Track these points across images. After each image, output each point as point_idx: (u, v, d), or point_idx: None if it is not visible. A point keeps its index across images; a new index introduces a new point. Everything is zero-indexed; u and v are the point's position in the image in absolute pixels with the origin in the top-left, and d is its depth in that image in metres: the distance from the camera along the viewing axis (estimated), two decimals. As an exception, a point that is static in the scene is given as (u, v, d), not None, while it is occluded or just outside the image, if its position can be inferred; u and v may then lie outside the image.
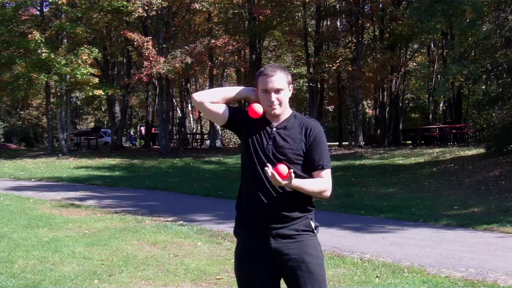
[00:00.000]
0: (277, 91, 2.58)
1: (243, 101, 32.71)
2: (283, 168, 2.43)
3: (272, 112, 2.61)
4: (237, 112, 2.75)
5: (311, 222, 2.61)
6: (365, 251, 6.30)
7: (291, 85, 2.66)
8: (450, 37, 20.70)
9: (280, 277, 2.63)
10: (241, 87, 2.79)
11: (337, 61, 23.00)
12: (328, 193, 2.61)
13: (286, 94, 2.63)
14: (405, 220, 8.46)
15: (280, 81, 2.59)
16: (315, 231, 2.62)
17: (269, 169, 2.41)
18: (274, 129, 2.62)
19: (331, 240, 6.83)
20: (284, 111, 2.64)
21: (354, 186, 12.97)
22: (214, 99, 2.68)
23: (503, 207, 9.05)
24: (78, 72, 21.49)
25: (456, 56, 13.47)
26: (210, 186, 13.77)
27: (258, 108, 2.61)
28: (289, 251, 2.54)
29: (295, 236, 2.55)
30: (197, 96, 2.70)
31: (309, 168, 2.59)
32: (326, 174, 2.61)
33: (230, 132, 38.58)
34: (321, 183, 2.58)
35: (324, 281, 2.59)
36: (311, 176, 2.60)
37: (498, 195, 10.25)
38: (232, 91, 2.73)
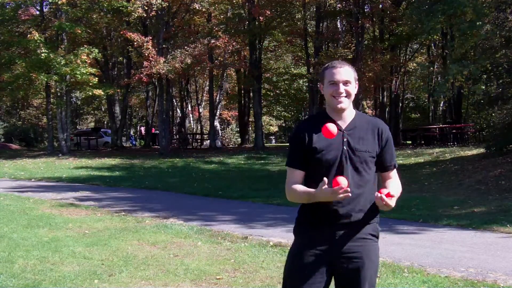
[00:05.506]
0: (345, 82, 2.50)
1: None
2: (342, 180, 2.30)
3: (339, 106, 2.49)
4: (300, 153, 2.53)
5: (378, 227, 2.56)
6: (365, 251, 6.28)
7: (357, 83, 2.57)
8: (450, 37, 20.69)
9: (331, 280, 2.53)
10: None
11: (337, 61, 22.97)
12: None
13: (353, 89, 2.54)
14: (405, 220, 8.46)
15: (348, 74, 2.51)
16: (378, 237, 2.57)
17: (379, 194, 2.37)
18: (345, 131, 2.51)
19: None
20: (348, 107, 2.54)
21: (354, 186, 12.95)
22: (293, 193, 2.53)
23: (503, 207, 9.05)
24: (77, 72, 21.51)
25: (456, 57, 13.45)
26: (210, 186, 13.77)
27: (333, 128, 2.43)
28: (354, 254, 2.47)
29: (361, 240, 2.48)
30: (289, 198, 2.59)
31: (380, 168, 2.59)
32: (395, 173, 2.66)
33: (230, 132, 38.63)
34: (399, 186, 2.62)
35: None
36: (375, 175, 2.57)
37: (498, 195, 10.24)
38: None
